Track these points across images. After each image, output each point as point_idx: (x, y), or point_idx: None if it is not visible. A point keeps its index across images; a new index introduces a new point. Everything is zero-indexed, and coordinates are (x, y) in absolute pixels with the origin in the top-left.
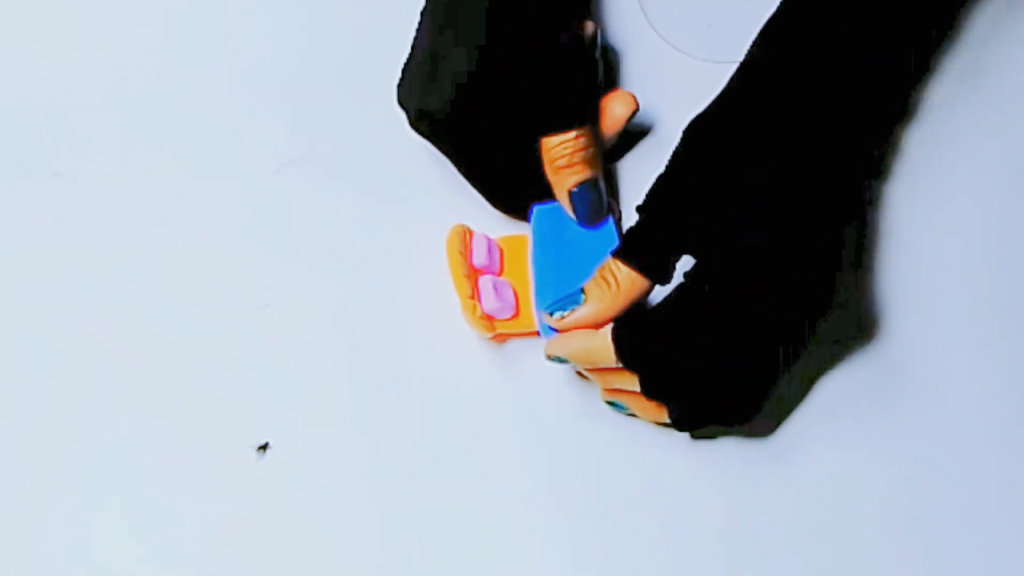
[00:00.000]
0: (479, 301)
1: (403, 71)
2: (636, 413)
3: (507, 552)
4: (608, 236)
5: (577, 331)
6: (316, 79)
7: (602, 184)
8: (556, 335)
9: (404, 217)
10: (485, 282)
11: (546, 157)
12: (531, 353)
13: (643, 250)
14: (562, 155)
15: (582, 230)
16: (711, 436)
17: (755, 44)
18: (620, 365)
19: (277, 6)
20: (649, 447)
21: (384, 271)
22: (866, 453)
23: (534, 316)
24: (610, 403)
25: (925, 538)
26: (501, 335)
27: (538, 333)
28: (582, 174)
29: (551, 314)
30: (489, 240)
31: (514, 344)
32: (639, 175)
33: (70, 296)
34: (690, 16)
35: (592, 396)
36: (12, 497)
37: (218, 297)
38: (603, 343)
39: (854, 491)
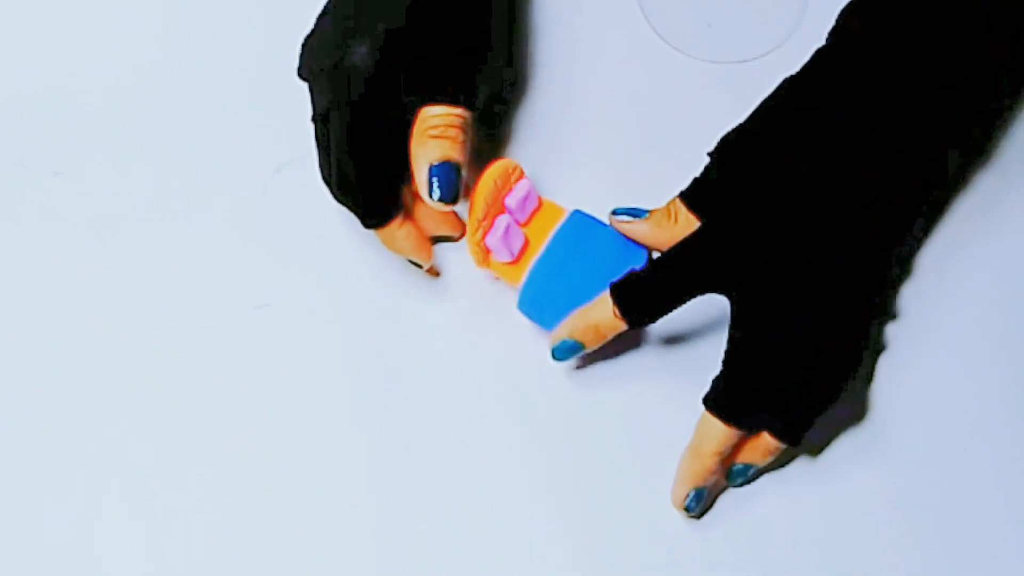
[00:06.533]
0: (487, 231)
1: (307, 41)
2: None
3: (506, 552)
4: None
5: (573, 313)
6: None
7: (463, 177)
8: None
9: None
10: (502, 220)
11: (418, 128)
12: (533, 353)
13: (705, 198)
14: (437, 125)
15: (605, 253)
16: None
17: (849, 16)
18: (624, 326)
19: (277, 6)
20: (649, 446)
21: (384, 270)
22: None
23: (523, 278)
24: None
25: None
26: (492, 271)
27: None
28: (451, 152)
29: (616, 214)
30: (532, 191)
31: (516, 344)
32: (641, 175)
33: (70, 296)
34: (690, 16)
35: (592, 394)
36: (10, 497)
37: (217, 297)
38: (602, 306)
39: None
